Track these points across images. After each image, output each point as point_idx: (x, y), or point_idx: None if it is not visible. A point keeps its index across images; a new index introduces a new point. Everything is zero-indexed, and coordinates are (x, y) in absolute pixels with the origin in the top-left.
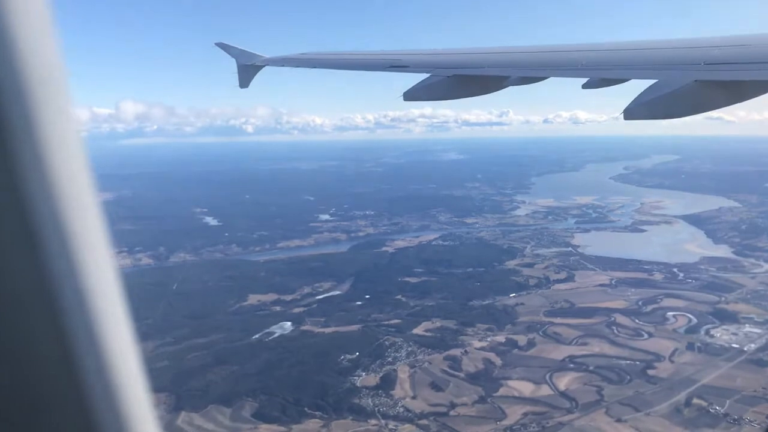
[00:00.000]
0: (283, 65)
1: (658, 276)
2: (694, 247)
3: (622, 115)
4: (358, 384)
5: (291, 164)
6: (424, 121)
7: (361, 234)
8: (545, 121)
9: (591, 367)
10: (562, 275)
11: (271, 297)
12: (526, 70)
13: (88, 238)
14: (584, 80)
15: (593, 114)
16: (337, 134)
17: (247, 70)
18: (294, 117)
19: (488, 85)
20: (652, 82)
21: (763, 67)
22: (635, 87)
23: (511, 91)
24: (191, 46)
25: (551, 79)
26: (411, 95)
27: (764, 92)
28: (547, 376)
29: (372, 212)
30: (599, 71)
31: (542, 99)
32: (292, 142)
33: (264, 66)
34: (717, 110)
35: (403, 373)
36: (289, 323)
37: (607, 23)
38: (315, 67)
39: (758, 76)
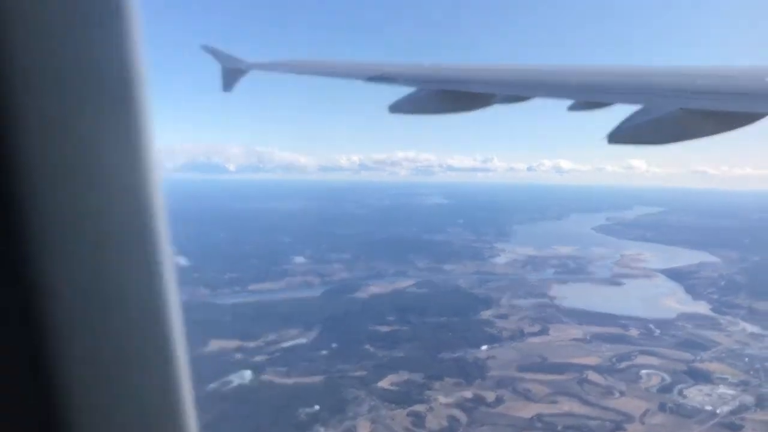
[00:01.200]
0: (268, 70)
1: (633, 332)
2: (672, 302)
3: (606, 145)
4: None
5: (271, 203)
6: (408, 165)
7: (335, 278)
8: (529, 168)
9: (559, 427)
10: (537, 328)
11: (234, 343)
12: (513, 89)
13: (153, 243)
14: (569, 102)
15: (577, 164)
16: (322, 174)
17: (232, 74)
18: (277, 156)
19: (475, 102)
20: (637, 107)
21: (749, 99)
22: (621, 115)
23: (495, 133)
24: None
25: (538, 111)
26: (397, 108)
27: (748, 123)
28: None
29: (348, 255)
30: (585, 94)
31: (527, 142)
32: (275, 181)
33: (248, 70)
34: (701, 164)
35: (363, 429)
36: (249, 372)
37: (596, 46)
38: (300, 73)
39: (743, 107)
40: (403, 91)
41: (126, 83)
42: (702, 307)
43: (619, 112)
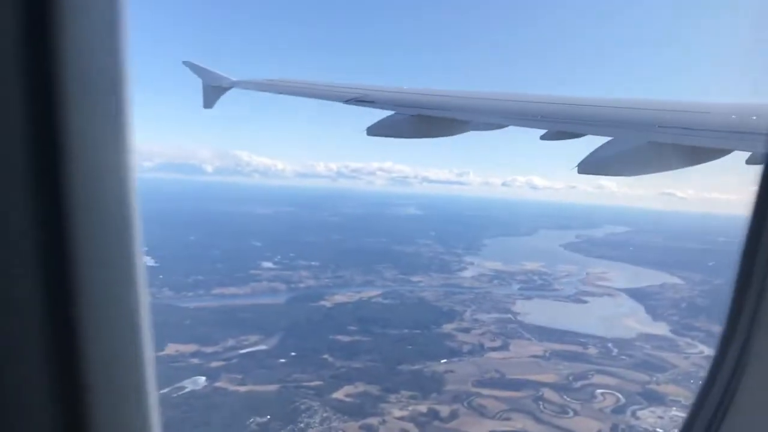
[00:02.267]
0: (249, 89)
1: (592, 350)
2: (633, 322)
3: (576, 173)
4: None
5: (246, 207)
6: (383, 174)
7: (301, 285)
8: (504, 183)
9: None
10: (497, 343)
11: (192, 348)
12: (488, 117)
13: (125, 247)
14: (542, 131)
15: (550, 181)
16: (299, 180)
17: (213, 91)
18: (254, 160)
19: (451, 128)
20: (607, 138)
21: (716, 135)
22: (592, 145)
23: (470, 151)
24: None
25: (512, 136)
26: (374, 131)
27: (715, 158)
28: None
29: (317, 263)
30: (557, 124)
31: (502, 160)
32: (251, 185)
33: (230, 88)
34: (669, 187)
35: None
36: (203, 378)
37: (572, 76)
38: (281, 93)
39: (711, 143)
40: (381, 111)
41: (111, 83)
42: (661, 329)
43: (592, 141)
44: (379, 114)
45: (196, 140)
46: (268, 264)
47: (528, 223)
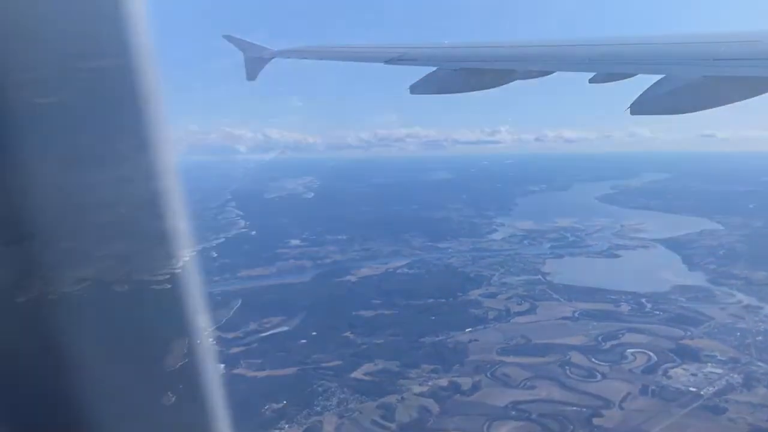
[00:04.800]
0: (290, 57)
1: (624, 307)
2: (668, 274)
3: (627, 112)
4: None
5: (276, 184)
6: (412, 141)
7: (327, 261)
8: (537, 139)
9: (534, 415)
10: (525, 307)
11: (213, 334)
12: (533, 64)
13: (168, 239)
14: (590, 75)
15: (585, 132)
16: (332, 153)
17: (255, 62)
18: (286, 136)
19: (496, 79)
20: (659, 77)
21: None
22: (635, 89)
23: (504, 106)
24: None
25: (555, 82)
26: (418, 88)
27: None
28: (485, 427)
29: (344, 237)
30: (606, 65)
31: (536, 114)
32: (283, 161)
33: (271, 59)
34: (710, 128)
35: (329, 424)
36: (222, 365)
37: (615, 18)
38: (322, 59)
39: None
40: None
41: (136, 77)
42: (698, 279)
43: (633, 89)
44: (419, 73)
45: (227, 123)
46: (295, 241)
47: (562, 178)
